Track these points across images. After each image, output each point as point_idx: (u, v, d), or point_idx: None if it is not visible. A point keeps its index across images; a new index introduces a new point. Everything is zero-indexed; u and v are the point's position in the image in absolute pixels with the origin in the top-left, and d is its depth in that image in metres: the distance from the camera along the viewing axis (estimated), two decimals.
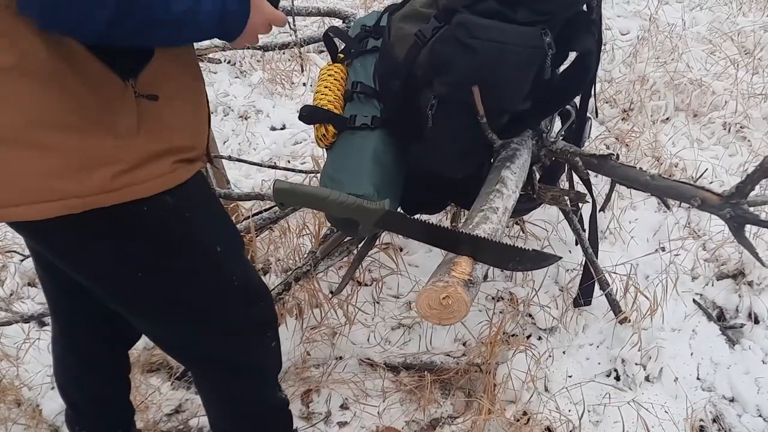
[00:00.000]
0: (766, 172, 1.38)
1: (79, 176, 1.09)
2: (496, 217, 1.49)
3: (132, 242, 1.24)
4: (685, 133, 3.06)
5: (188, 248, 1.31)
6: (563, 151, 1.88)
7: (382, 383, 2.14)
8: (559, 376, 2.10)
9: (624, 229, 2.58)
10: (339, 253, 2.19)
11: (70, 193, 1.09)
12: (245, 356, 1.57)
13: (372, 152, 1.71)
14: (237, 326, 1.49)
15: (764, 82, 3.33)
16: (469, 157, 1.78)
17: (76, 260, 1.28)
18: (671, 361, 2.10)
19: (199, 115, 1.30)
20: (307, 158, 3.13)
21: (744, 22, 3.82)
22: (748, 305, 2.30)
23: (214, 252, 1.36)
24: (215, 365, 1.56)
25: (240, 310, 1.47)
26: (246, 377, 1.61)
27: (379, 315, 2.35)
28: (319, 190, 1.37)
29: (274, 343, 1.61)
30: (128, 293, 1.34)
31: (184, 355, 1.59)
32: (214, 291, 1.41)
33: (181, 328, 1.45)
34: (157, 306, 1.37)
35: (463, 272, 1.29)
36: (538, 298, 2.29)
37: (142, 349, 2.29)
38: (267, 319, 1.57)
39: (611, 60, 3.61)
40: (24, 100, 1.04)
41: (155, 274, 1.29)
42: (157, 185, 1.19)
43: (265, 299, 1.54)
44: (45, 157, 1.06)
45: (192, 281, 1.35)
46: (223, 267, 1.40)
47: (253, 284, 1.51)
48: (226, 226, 1.44)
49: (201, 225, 1.32)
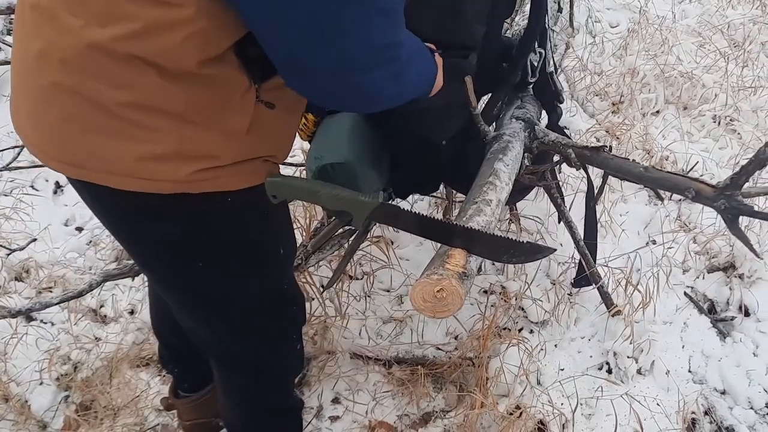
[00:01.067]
0: (761, 163, 1.38)
1: (176, 163, 1.11)
2: (489, 210, 1.48)
3: (208, 230, 1.25)
4: (675, 126, 3.06)
5: (258, 245, 1.34)
6: (555, 143, 1.87)
7: (374, 377, 2.13)
8: (551, 370, 2.09)
9: (615, 222, 2.58)
10: (330, 246, 2.18)
11: (163, 175, 1.12)
12: (272, 358, 1.60)
13: (351, 123, 1.68)
14: (272, 329, 1.53)
15: (754, 75, 3.33)
16: (445, 115, 1.75)
17: (142, 235, 1.28)
18: (663, 354, 2.10)
19: (296, 126, 1.35)
20: (297, 151, 3.10)
21: (733, 14, 3.82)
22: (739, 298, 2.30)
23: (278, 254, 1.41)
24: (241, 363, 1.58)
25: (279, 315, 1.51)
26: (269, 378, 1.64)
27: (371, 309, 2.34)
28: (312, 183, 1.35)
29: (299, 345, 1.65)
30: (184, 280, 1.35)
31: (212, 350, 1.60)
32: (266, 292, 1.44)
33: (220, 325, 1.47)
34: (204, 299, 1.39)
35: (457, 265, 1.28)
36: (530, 292, 2.29)
37: (131, 343, 2.28)
38: (298, 323, 1.61)
39: (601, 52, 3.60)
40: (146, 85, 1.05)
41: (217, 267, 1.31)
42: (245, 180, 1.22)
43: (299, 304, 1.57)
44: (149, 140, 1.09)
45: (250, 279, 1.38)
46: (281, 269, 1.46)
47: (294, 289, 1.56)
48: (290, 232, 1.49)
49: (274, 225, 1.37)
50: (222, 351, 1.56)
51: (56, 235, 2.70)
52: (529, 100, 2.02)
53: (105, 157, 1.11)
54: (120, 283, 2.43)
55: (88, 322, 2.36)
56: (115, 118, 1.07)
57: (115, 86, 1.05)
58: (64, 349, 2.25)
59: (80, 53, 1.03)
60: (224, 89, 1.10)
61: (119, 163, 1.11)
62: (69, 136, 1.11)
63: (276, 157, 1.29)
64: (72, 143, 1.11)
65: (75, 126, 1.09)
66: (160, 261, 1.33)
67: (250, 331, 1.49)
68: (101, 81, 1.05)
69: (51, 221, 2.76)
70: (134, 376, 2.18)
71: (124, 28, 1.00)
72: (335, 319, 2.27)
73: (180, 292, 1.40)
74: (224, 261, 1.31)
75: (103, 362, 2.22)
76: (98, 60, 1.03)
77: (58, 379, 2.17)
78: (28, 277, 2.51)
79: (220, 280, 1.34)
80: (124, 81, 1.04)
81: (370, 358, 2.20)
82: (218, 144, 1.14)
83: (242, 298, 1.40)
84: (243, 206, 1.25)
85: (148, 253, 1.33)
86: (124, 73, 1.04)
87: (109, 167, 1.11)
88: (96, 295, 2.39)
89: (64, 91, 1.07)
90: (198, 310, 1.44)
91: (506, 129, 1.86)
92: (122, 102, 1.06)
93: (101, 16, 1.01)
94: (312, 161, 1.64)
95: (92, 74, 1.04)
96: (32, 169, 2.87)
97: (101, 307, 2.42)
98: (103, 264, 2.57)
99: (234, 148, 1.17)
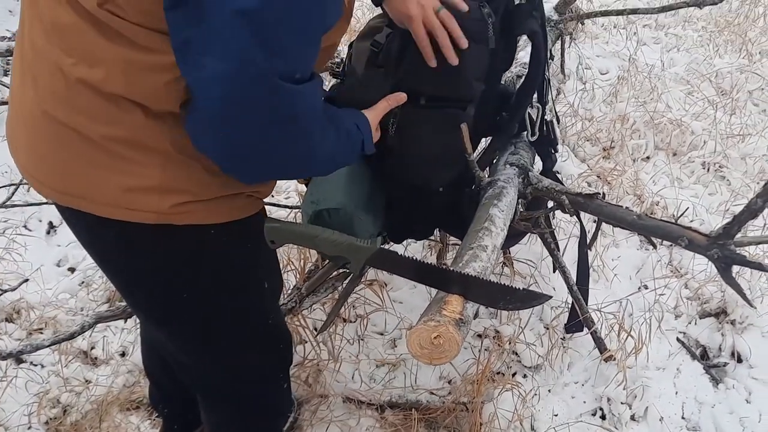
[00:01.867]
0: (752, 213, 1.40)
1: (160, 195, 1.15)
2: (485, 255, 1.49)
3: (191, 262, 1.28)
4: (665, 172, 3.10)
5: (242, 278, 1.36)
6: (549, 189, 1.89)
7: (366, 422, 2.11)
8: (545, 415, 2.09)
9: (608, 267, 2.59)
10: (324, 289, 2.18)
11: (147, 206, 1.16)
12: (258, 395, 1.60)
13: (348, 169, 1.70)
14: (258, 365, 1.53)
15: (742, 122, 3.39)
16: (441, 163, 1.78)
17: (126, 265, 1.30)
18: (656, 400, 2.10)
19: None
20: (291, 193, 3.12)
21: (720, 63, 3.90)
22: (731, 344, 2.31)
23: (262, 288, 1.42)
24: (228, 399, 1.58)
25: (265, 350, 1.51)
26: (255, 415, 1.64)
27: (364, 352, 2.33)
28: (310, 228, 1.36)
29: (286, 385, 1.66)
30: (167, 311, 1.35)
31: (199, 383, 1.60)
32: (251, 326, 1.45)
33: (206, 357, 1.47)
34: (189, 330, 1.39)
35: (454, 311, 1.28)
36: (524, 336, 2.29)
37: (122, 386, 2.25)
38: (285, 361, 1.62)
39: (592, 99, 3.65)
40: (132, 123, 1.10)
41: (201, 297, 1.33)
42: (227, 215, 1.25)
43: (286, 342, 1.58)
44: (134, 173, 1.13)
45: (234, 312, 1.38)
46: (265, 304, 1.46)
47: (281, 326, 1.57)
48: (275, 266, 1.51)
49: (258, 258, 1.38)
50: (207, 385, 1.57)
51: (48, 275, 2.68)
52: (522, 146, 2.05)
53: (92, 186, 1.15)
54: (111, 325, 2.42)
55: (79, 365, 2.33)
56: (102, 151, 1.12)
57: (102, 122, 1.10)
58: (53, 392, 2.22)
59: (70, 88, 1.08)
60: None
61: (106, 193, 1.15)
62: (59, 164, 1.15)
63: (260, 193, 1.33)
64: (62, 171, 1.16)
65: (64, 155, 1.14)
66: (145, 292, 1.34)
67: (234, 366, 1.49)
68: (89, 116, 1.10)
69: (43, 261, 2.75)
70: (124, 420, 2.15)
71: (109, 69, 1.05)
72: (328, 363, 2.26)
73: (165, 324, 1.41)
74: (208, 293, 1.33)
75: (92, 405, 2.19)
76: (86, 96, 1.08)
77: (47, 422, 2.14)
78: (19, 318, 2.49)
79: (204, 312, 1.35)
80: (110, 118, 1.09)
81: (362, 402, 2.18)
82: (200, 179, 1.18)
83: (226, 331, 1.41)
84: (226, 239, 1.27)
85: (133, 284, 1.34)
86: (110, 110, 1.08)
87: (95, 196, 1.15)
88: (87, 337, 2.37)
89: (55, 121, 1.12)
90: (182, 341, 1.44)
91: (500, 175, 1.88)
92: (109, 136, 1.10)
93: (88, 57, 1.06)
94: (308, 205, 1.66)
95: (81, 109, 1.10)
96: (26, 209, 2.87)
97: (92, 349, 2.40)
98: (95, 305, 2.55)
99: (215, 183, 1.20)
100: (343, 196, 1.63)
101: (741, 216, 1.42)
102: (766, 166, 3.09)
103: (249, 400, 1.58)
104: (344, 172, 1.69)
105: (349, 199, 1.62)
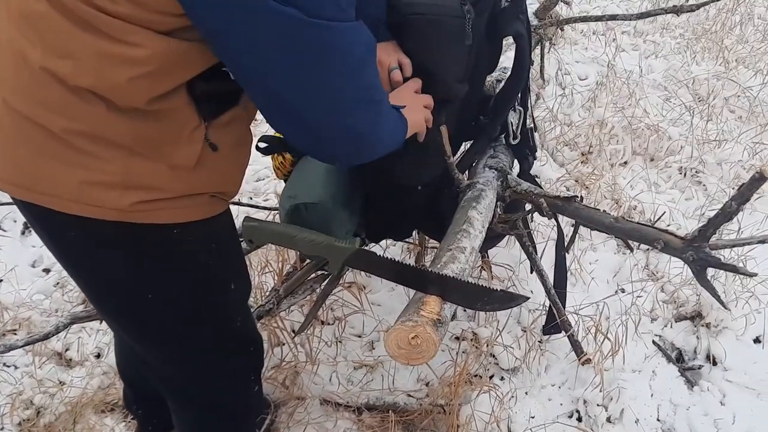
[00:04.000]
0: (727, 216, 1.42)
1: (120, 192, 1.12)
2: (463, 257, 1.50)
3: (155, 262, 1.25)
4: (642, 177, 3.13)
5: (207, 279, 1.33)
6: (528, 192, 1.90)
7: (343, 424, 2.11)
8: (522, 417, 2.09)
9: (585, 270, 2.61)
10: (303, 291, 2.17)
11: (107, 203, 1.12)
12: (228, 397, 1.58)
13: (326, 166, 1.70)
14: (226, 368, 1.50)
15: (718, 128, 3.43)
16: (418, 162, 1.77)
17: (90, 264, 1.26)
18: (632, 402, 2.11)
19: (245, 163, 1.34)
20: (270, 195, 3.11)
21: (697, 70, 3.95)
22: (706, 347, 2.33)
23: (228, 289, 1.39)
24: (197, 401, 1.56)
25: (233, 353, 1.49)
26: (225, 417, 1.61)
27: (342, 354, 2.32)
28: (288, 228, 1.36)
29: (257, 388, 1.64)
30: (132, 311, 1.33)
31: (167, 385, 1.57)
32: (217, 328, 1.42)
33: (172, 359, 1.45)
34: (155, 331, 1.37)
35: (432, 311, 1.29)
36: (501, 338, 2.29)
37: (96, 388, 2.23)
38: (255, 364, 1.60)
39: (570, 104, 3.68)
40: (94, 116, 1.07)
41: (166, 298, 1.30)
42: (191, 214, 1.23)
43: (256, 345, 1.56)
44: (95, 167, 1.10)
45: (200, 313, 1.36)
46: (231, 306, 1.43)
47: (250, 329, 1.54)
48: (242, 268, 1.47)
49: (224, 259, 1.36)
50: (175, 387, 1.54)
51: (23, 276, 2.65)
52: (501, 150, 2.06)
53: (52, 180, 1.12)
54: (87, 326, 2.40)
55: (53, 366, 2.30)
56: (63, 144, 1.09)
57: (63, 114, 1.07)
58: (27, 393, 2.19)
59: (34, 78, 1.06)
60: (173, 124, 1.13)
61: (65, 188, 1.12)
62: (18, 157, 1.12)
63: (225, 194, 1.31)
64: (21, 164, 1.13)
65: (24, 148, 1.11)
66: (108, 291, 1.31)
67: (202, 368, 1.46)
68: (49, 107, 1.07)
69: (18, 262, 2.71)
70: (99, 422, 2.13)
71: (79, 61, 1.03)
72: (305, 365, 2.25)
73: (130, 324, 1.38)
74: (172, 293, 1.31)
75: (66, 407, 2.16)
76: (48, 86, 1.06)
77: (20, 424, 2.11)
78: None
79: (169, 313, 1.33)
80: (71, 110, 1.07)
81: (340, 404, 2.17)
82: (164, 177, 1.15)
83: (193, 333, 1.39)
84: (190, 239, 1.25)
85: (96, 283, 1.31)
86: (71, 102, 1.06)
87: (55, 190, 1.13)
88: (62, 338, 2.34)
89: (14, 112, 1.10)
90: (147, 342, 1.42)
91: (480, 177, 1.89)
92: (69, 129, 1.08)
93: (58, 48, 1.03)
94: (285, 200, 1.65)
95: (41, 100, 1.07)
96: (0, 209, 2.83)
97: (67, 351, 2.37)
98: (70, 306, 2.52)
99: (180, 182, 1.18)
100: (322, 190, 1.63)
101: (716, 219, 1.44)
102: (741, 172, 3.13)
103: (217, 402, 1.56)
104: (323, 167, 1.69)
105: (327, 193, 1.63)
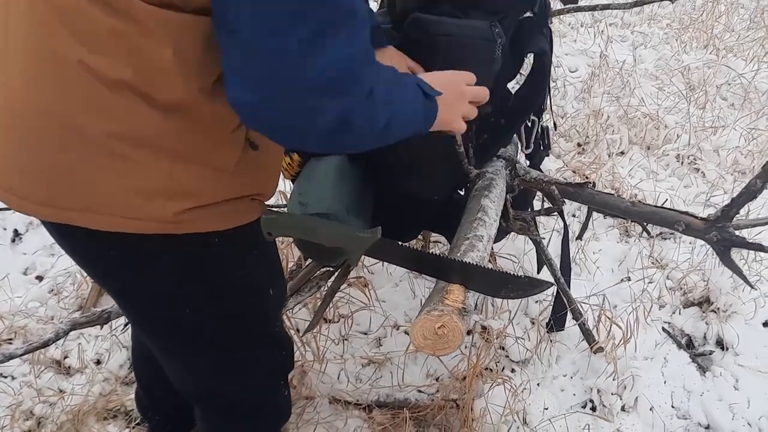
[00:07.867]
0: (751, 195, 1.39)
1: (163, 201, 1.05)
2: (482, 245, 1.46)
3: (194, 273, 1.19)
4: (641, 165, 3.12)
5: (247, 289, 1.28)
6: (538, 180, 1.87)
7: (354, 422, 2.07)
8: (536, 409, 2.06)
9: (589, 260, 2.59)
10: (309, 288, 2.12)
11: (148, 214, 1.05)
12: (258, 402, 1.53)
13: (337, 171, 1.67)
14: (259, 373, 1.46)
15: (713, 116, 3.43)
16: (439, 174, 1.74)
17: (135, 284, 1.20)
18: (646, 390, 2.09)
19: (281, 159, 1.31)
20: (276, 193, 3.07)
21: (688, 59, 3.96)
22: (716, 332, 2.32)
23: (267, 296, 1.34)
24: (229, 409, 1.50)
25: (268, 358, 1.45)
26: (254, 422, 1.57)
27: (349, 352, 2.28)
28: (308, 220, 1.32)
29: (287, 392, 1.59)
30: (170, 325, 1.28)
31: (195, 392, 1.52)
32: (255, 336, 1.38)
33: (210, 369, 1.39)
34: (205, 344, 1.32)
35: (457, 300, 1.25)
36: (513, 330, 2.26)
37: (98, 395, 2.17)
38: (286, 368, 1.55)
39: (563, 96, 3.67)
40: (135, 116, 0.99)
41: (204, 310, 1.24)
42: (232, 220, 1.17)
43: (287, 348, 1.52)
44: (136, 174, 1.03)
45: (239, 322, 1.31)
46: (270, 312, 1.39)
47: (283, 333, 1.50)
48: (279, 270, 1.43)
49: (263, 265, 1.31)
50: (210, 395, 1.49)
51: (16, 284, 2.58)
52: None
53: (89, 193, 1.03)
54: (85, 333, 2.33)
55: (52, 374, 2.24)
56: (101, 150, 1.00)
57: (102, 114, 0.98)
58: (26, 404, 2.13)
59: (70, 73, 0.96)
60: (216, 124, 1.06)
61: (103, 200, 1.03)
62: (50, 172, 1.03)
63: (263, 195, 1.25)
64: (53, 181, 1.03)
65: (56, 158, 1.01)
66: (146, 307, 1.26)
67: (240, 376, 1.42)
68: (88, 108, 0.98)
69: (9, 270, 2.64)
70: (102, 429, 2.07)
71: (113, 53, 0.95)
72: (313, 364, 2.20)
73: (180, 340, 1.33)
74: (212, 304, 1.25)
75: (68, 416, 2.10)
76: (88, 83, 0.96)
77: None
78: None
79: (210, 324, 1.28)
80: (112, 110, 0.98)
81: (349, 402, 2.13)
82: (208, 182, 1.09)
83: (232, 343, 1.34)
84: (230, 247, 1.19)
85: (140, 303, 1.25)
86: (112, 101, 0.97)
87: (91, 205, 1.04)
88: (60, 346, 2.28)
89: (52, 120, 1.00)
90: (186, 354, 1.37)
91: (489, 167, 1.86)
92: (110, 131, 0.99)
93: (92, 41, 0.95)
94: (296, 206, 1.61)
95: (81, 98, 0.97)
96: None
97: (65, 358, 2.31)
98: (66, 313, 2.46)
99: (223, 186, 1.12)
100: (334, 199, 1.60)
101: (739, 198, 1.42)
102: (739, 158, 3.13)
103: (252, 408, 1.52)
104: (333, 174, 1.65)
105: (339, 203, 1.59)
